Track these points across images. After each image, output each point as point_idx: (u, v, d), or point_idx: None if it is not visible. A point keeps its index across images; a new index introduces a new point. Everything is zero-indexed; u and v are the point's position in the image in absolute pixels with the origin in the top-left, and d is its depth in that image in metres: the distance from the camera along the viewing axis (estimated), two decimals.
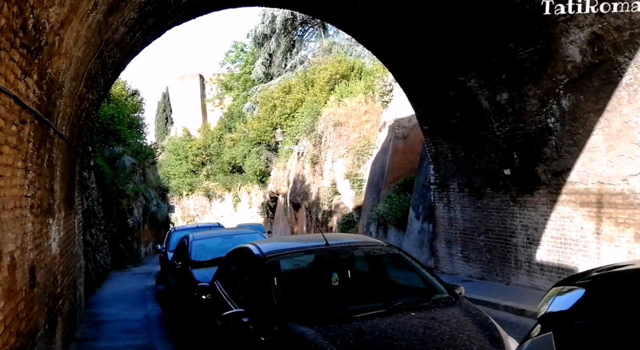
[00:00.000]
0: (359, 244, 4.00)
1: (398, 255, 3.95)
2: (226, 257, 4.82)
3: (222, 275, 4.73)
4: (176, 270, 7.57)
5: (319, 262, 3.80)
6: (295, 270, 3.75)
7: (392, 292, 3.72)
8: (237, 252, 4.62)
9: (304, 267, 3.80)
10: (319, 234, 4.03)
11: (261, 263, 3.71)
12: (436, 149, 10.42)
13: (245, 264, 4.15)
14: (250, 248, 4.12)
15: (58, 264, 5.22)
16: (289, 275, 3.65)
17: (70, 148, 6.06)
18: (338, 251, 3.84)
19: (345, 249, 3.89)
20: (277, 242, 4.84)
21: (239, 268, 4.30)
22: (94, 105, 7.37)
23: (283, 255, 3.81)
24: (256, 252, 3.94)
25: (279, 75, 38.97)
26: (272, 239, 6.11)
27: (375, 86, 17.02)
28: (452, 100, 9.20)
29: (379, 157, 15.64)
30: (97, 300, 10.08)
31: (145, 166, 23.21)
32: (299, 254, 3.86)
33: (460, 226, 9.86)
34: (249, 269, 3.96)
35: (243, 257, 4.28)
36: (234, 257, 4.65)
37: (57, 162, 5.03)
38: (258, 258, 3.81)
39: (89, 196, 13.21)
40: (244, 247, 4.41)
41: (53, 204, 4.87)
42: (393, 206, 13.18)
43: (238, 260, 4.45)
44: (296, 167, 23.47)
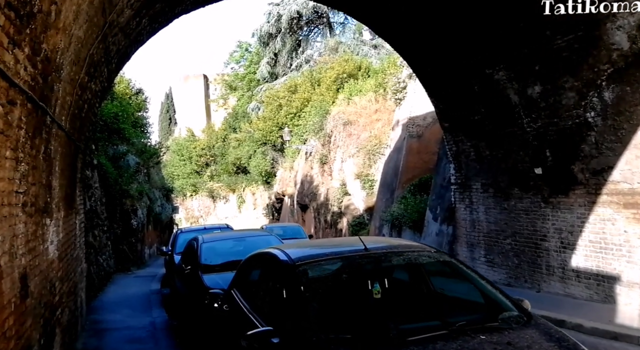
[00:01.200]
0: (402, 249, 3.42)
1: (449, 263, 3.39)
2: (245, 264, 4.28)
3: (240, 283, 4.18)
4: (184, 274, 7.03)
5: (357, 270, 3.23)
6: (331, 280, 3.16)
7: (446, 308, 3.16)
8: (258, 257, 4.07)
9: (340, 276, 3.22)
10: (354, 238, 3.51)
11: (291, 271, 3.16)
12: (457, 147, 9.87)
13: (270, 272, 3.60)
14: (276, 253, 3.56)
15: (56, 270, 4.70)
16: (324, 286, 3.07)
17: (71, 142, 5.54)
18: (380, 258, 3.28)
19: (388, 255, 3.32)
20: (305, 247, 4.26)
21: (263, 276, 3.75)
22: (97, 98, 6.85)
23: (316, 263, 3.23)
24: (284, 259, 3.39)
25: (284, 74, 38.53)
26: (298, 243, 5.51)
27: (388, 83, 16.48)
28: (476, 94, 8.65)
29: (392, 157, 15.10)
30: (100, 305, 9.57)
31: (149, 166, 22.73)
32: (334, 260, 3.28)
33: (484, 229, 9.30)
34: (275, 278, 3.41)
35: (267, 264, 3.73)
36: (255, 264, 4.10)
37: (55, 155, 4.51)
38: (287, 265, 3.27)
39: (92, 196, 12.71)
40: (267, 253, 3.86)
41: (51, 203, 4.35)
42: (408, 207, 12.63)
43: (261, 268, 3.91)
44: (304, 167, 22.95)
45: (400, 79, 14.87)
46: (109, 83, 7.34)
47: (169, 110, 58.84)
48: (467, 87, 8.79)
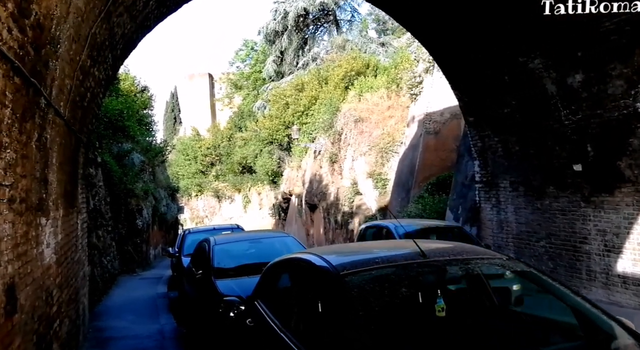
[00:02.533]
0: (468, 256, 2.79)
1: (528, 274, 2.77)
2: (270, 271, 3.69)
3: (265, 294, 3.60)
4: (195, 279, 6.46)
5: (416, 282, 2.64)
6: (385, 294, 2.55)
7: (531, 332, 2.54)
8: (289, 264, 3.47)
9: (397, 289, 2.61)
10: (404, 241, 2.93)
11: (335, 282, 2.57)
12: (483, 143, 9.26)
13: (305, 282, 3.00)
14: (312, 260, 2.96)
15: (54, 276, 4.14)
16: (376, 301, 2.46)
17: (71, 133, 4.98)
18: (442, 267, 2.69)
19: (452, 263, 2.72)
20: (346, 251, 3.61)
21: (295, 287, 3.16)
22: (101, 87, 6.29)
23: (365, 272, 2.63)
24: (323, 266, 2.79)
25: (290, 73, 38.00)
26: (334, 247, 4.81)
27: (402, 79, 15.87)
28: (507, 85, 8.04)
29: (407, 154, 14.50)
30: (104, 310, 9.02)
31: (154, 165, 22.22)
32: (386, 269, 2.68)
33: (514, 230, 8.69)
34: (312, 290, 2.82)
35: (301, 272, 3.14)
36: (284, 271, 3.52)
37: (52, 146, 3.95)
38: (328, 275, 2.67)
39: (96, 195, 12.18)
40: (300, 258, 3.26)
41: (47, 200, 3.79)
42: (426, 207, 12.03)
43: (292, 276, 3.32)
44: (312, 166, 22.37)
45: (416, 73, 14.28)
46: (114, 72, 6.78)
47: (174, 109, 58.40)
48: (496, 77, 8.19)
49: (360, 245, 3.52)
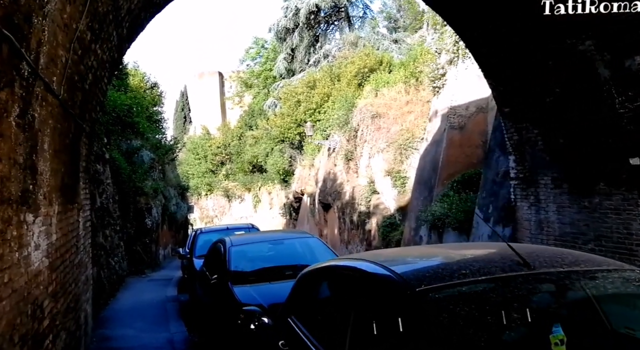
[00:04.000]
0: (587, 266, 2.05)
1: None
2: (307, 281, 3.00)
3: (302, 310, 2.91)
4: (210, 284, 5.78)
5: (521, 302, 1.91)
6: (479, 321, 1.83)
7: None
8: (333, 273, 2.75)
9: (495, 312, 1.88)
10: (494, 244, 2.24)
11: (409, 302, 1.83)
12: (520, 136, 8.50)
13: (361, 299, 2.26)
14: (370, 269, 2.23)
15: (45, 284, 3.48)
16: (470, 330, 1.75)
17: (70, 117, 4.33)
18: (557, 282, 1.95)
19: (570, 277, 1.98)
20: (412, 257, 2.76)
21: (346, 304, 2.43)
22: (105, 70, 5.64)
23: (451, 288, 1.89)
24: (387, 277, 2.04)
25: (301, 70, 37.40)
26: (389, 253, 4.02)
27: (424, 71, 15.11)
28: (550, 71, 7.28)
29: (429, 151, 13.75)
30: (110, 315, 8.41)
31: (164, 162, 21.66)
32: (480, 284, 1.95)
33: (556, 231, 7.92)
34: (372, 311, 2.10)
35: (353, 285, 2.38)
36: (327, 282, 2.83)
37: (43, 128, 3.29)
38: (398, 290, 1.93)
39: (103, 192, 11.60)
40: (350, 267, 2.52)
41: (35, 192, 3.13)
42: (452, 206, 11.28)
43: (340, 289, 2.60)
44: (326, 165, 21.68)
45: (438, 65, 13.53)
46: (120, 55, 6.13)
47: (184, 108, 58.13)
48: (537, 63, 7.43)
49: (424, 250, 2.79)
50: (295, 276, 5.37)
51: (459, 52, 12.68)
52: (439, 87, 13.73)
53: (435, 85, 13.73)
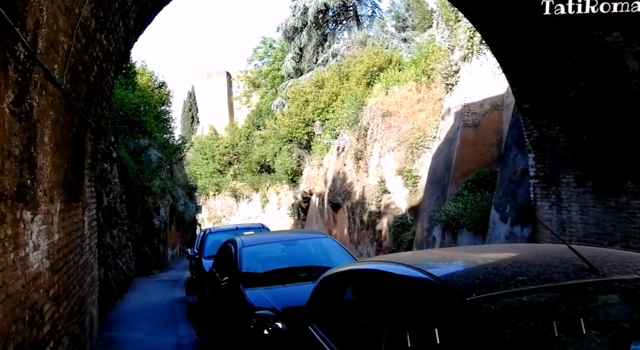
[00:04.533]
0: None
1: None
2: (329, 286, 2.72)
3: (324, 317, 2.65)
4: (220, 287, 5.52)
5: (590, 314, 1.63)
6: (537, 334, 1.52)
7: None
8: (360, 277, 2.44)
9: (561, 328, 1.59)
10: (554, 246, 1.97)
11: (454, 311, 1.55)
12: (540, 132, 8.18)
13: (396, 306, 1.96)
14: (404, 273, 1.94)
15: (46, 287, 3.24)
16: (528, 345, 1.47)
17: (73, 110, 4.10)
18: (635, 292, 1.67)
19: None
20: (452, 258, 2.36)
21: (379, 312, 2.12)
22: (111, 63, 5.41)
23: (507, 297, 1.60)
24: (427, 281, 1.77)
25: (309, 70, 37.19)
26: (424, 254, 3.68)
27: (436, 68, 14.79)
28: (575, 64, 6.96)
29: (442, 149, 13.44)
30: (117, 317, 8.19)
31: (172, 162, 21.50)
32: (543, 293, 1.64)
33: (579, 231, 7.59)
34: (410, 318, 1.80)
35: (387, 290, 2.09)
36: (352, 287, 2.55)
37: (43, 119, 3.05)
38: (439, 296, 1.65)
39: (111, 192, 11.41)
40: (382, 270, 2.22)
41: (33, 188, 2.89)
42: (467, 206, 10.96)
43: (371, 296, 2.30)
44: (335, 164, 21.40)
45: (451, 61, 13.21)
46: (126, 47, 5.90)
47: (192, 108, 58.10)
48: (560, 56, 7.11)
49: (462, 252, 2.48)
50: (310, 278, 5.12)
51: (473, 48, 12.36)
52: (452, 85, 13.42)
53: (448, 82, 13.41)
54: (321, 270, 5.44)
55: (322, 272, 5.39)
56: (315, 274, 5.24)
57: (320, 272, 5.36)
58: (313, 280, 5.05)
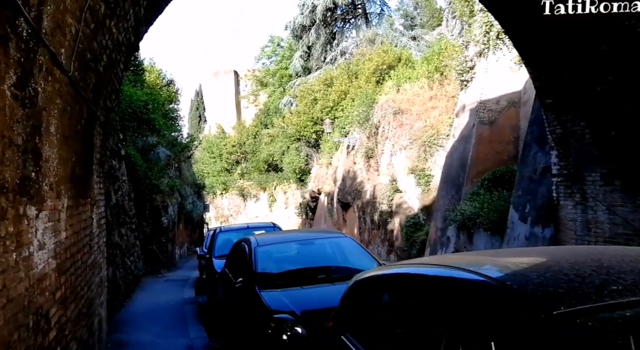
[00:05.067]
0: None
1: None
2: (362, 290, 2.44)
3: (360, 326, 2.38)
4: (233, 287, 5.27)
5: None
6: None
7: None
8: (406, 282, 2.14)
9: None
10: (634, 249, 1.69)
11: (539, 328, 1.26)
12: (564, 129, 7.86)
13: (457, 318, 1.67)
14: (466, 277, 1.64)
15: (52, 289, 3.00)
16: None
17: (81, 100, 3.86)
18: None
19: None
20: (515, 264, 2.02)
21: (433, 324, 1.81)
22: (121, 53, 5.18)
23: (605, 310, 1.28)
24: (501, 289, 1.44)
25: (317, 68, 36.96)
26: (474, 257, 3.27)
27: (447, 66, 14.47)
28: (603, 57, 6.64)
29: (456, 147, 13.12)
30: (126, 318, 7.97)
31: (180, 160, 21.31)
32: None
33: (606, 232, 7.27)
34: (477, 334, 1.53)
35: (444, 299, 1.76)
36: (394, 293, 2.27)
37: (49, 107, 2.81)
38: (518, 309, 1.35)
39: (119, 189, 11.20)
40: (435, 275, 1.91)
41: (38, 181, 2.65)
42: (484, 205, 10.64)
43: (422, 304, 1.98)
44: (345, 163, 21.12)
45: (467, 57, 12.89)
46: (136, 38, 5.66)
47: (199, 107, 58.04)
48: (588, 48, 6.79)
49: (527, 255, 2.15)
50: (329, 280, 4.86)
51: (490, 43, 12.04)
52: (467, 81, 13.10)
53: (463, 78, 13.10)
54: (341, 272, 5.19)
55: (342, 274, 5.15)
56: (335, 275, 4.98)
57: (340, 274, 5.12)
58: (332, 281, 4.80)
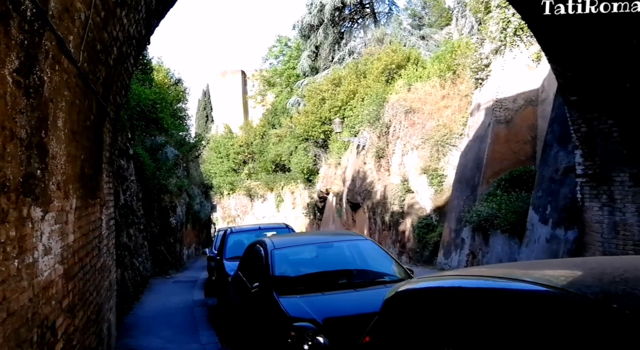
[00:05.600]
0: None
1: None
2: (402, 303, 2.17)
3: (406, 344, 2.10)
4: (247, 291, 4.99)
5: None
6: None
7: None
8: (470, 298, 1.81)
9: None
10: None
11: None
12: (589, 127, 7.55)
13: (549, 341, 1.39)
14: (566, 295, 1.36)
15: (59, 297, 2.76)
16: None
17: (91, 94, 3.62)
18: None
19: None
20: (605, 276, 1.83)
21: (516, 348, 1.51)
22: (131, 47, 4.94)
23: None
24: (602, 306, 1.24)
25: (325, 68, 36.72)
26: (538, 264, 2.98)
27: (460, 64, 14.14)
28: (634, 52, 6.33)
29: (471, 147, 12.81)
30: (135, 321, 7.74)
31: (188, 160, 21.12)
32: None
33: (635, 235, 6.95)
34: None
35: (530, 317, 1.47)
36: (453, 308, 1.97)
37: (57, 99, 2.57)
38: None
39: (127, 189, 11.00)
40: (515, 289, 1.59)
41: (44, 180, 2.41)
42: (502, 206, 10.33)
43: (498, 327, 1.62)
44: (355, 163, 20.84)
45: (482, 54, 12.57)
46: (147, 31, 5.42)
47: (206, 107, 57.94)
48: (617, 42, 6.48)
49: (593, 264, 1.88)
50: (352, 286, 4.60)
51: (507, 40, 11.72)
52: (482, 79, 12.78)
53: (477, 76, 12.78)
54: (363, 276, 4.93)
55: (364, 278, 4.89)
56: (357, 280, 4.71)
57: (362, 278, 4.85)
58: (355, 287, 4.54)
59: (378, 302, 4.12)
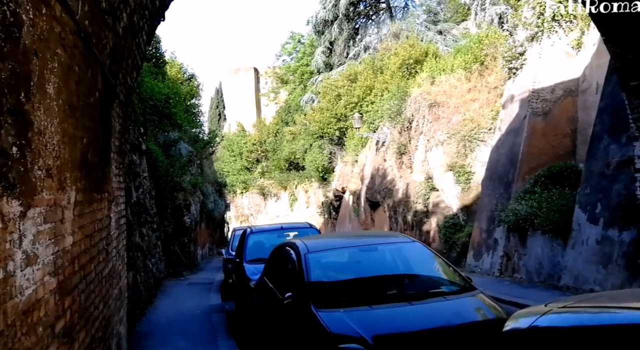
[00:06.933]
0: None
1: None
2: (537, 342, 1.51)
3: None
4: (280, 304, 4.26)
5: None
6: None
7: None
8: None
9: None
10: None
11: None
12: None
13: None
14: None
15: (50, 320, 2.11)
16: None
17: (94, 63, 2.95)
18: None
19: None
20: None
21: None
22: (144, 19, 4.26)
23: None
24: None
25: (340, 64, 36.02)
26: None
27: (499, 50, 13.25)
28: None
29: (504, 141, 11.99)
30: (148, 329, 7.11)
31: (202, 157, 20.54)
32: None
33: None
34: None
35: None
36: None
37: (42, 51, 1.89)
38: None
39: (140, 186, 10.38)
40: None
41: (22, 161, 1.72)
42: (542, 205, 9.52)
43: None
44: (374, 160, 20.09)
45: (516, 42, 11.74)
46: (162, 3, 4.74)
47: (219, 106, 57.59)
48: None
49: None
50: (404, 298, 3.84)
51: (544, 25, 10.89)
52: (516, 68, 11.95)
53: (511, 65, 11.95)
54: (416, 286, 4.19)
55: (417, 289, 4.12)
56: (409, 291, 3.99)
57: (415, 289, 4.10)
58: (409, 300, 3.80)
59: (437, 318, 3.38)
